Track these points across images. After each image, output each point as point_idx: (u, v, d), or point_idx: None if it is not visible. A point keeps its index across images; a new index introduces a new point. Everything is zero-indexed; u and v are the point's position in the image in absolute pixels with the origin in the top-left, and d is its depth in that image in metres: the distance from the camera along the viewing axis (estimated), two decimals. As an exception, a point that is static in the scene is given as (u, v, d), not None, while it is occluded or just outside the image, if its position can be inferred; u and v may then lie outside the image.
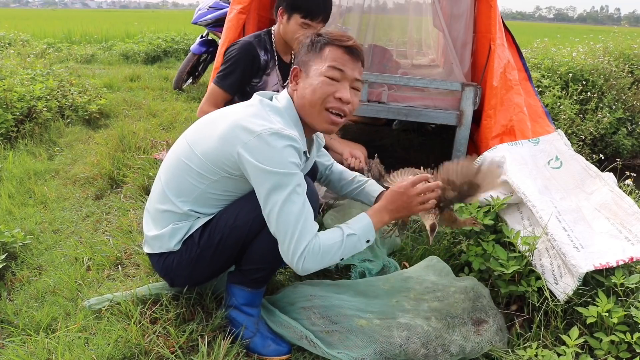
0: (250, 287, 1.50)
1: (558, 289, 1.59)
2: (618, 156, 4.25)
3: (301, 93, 1.44)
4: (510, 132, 2.33)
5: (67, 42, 9.75)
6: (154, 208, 1.51)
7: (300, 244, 1.30)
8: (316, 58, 1.43)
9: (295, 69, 1.47)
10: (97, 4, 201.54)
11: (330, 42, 1.43)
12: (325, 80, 1.40)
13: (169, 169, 1.49)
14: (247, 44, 2.15)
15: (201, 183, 1.42)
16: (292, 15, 2.09)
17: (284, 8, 2.11)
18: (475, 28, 2.88)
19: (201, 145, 1.41)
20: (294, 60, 2.26)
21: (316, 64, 1.43)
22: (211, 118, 1.48)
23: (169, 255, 1.48)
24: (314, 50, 1.45)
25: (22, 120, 3.50)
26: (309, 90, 1.41)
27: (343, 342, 1.47)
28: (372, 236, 1.43)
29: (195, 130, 1.49)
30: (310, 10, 2.07)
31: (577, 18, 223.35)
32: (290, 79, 1.48)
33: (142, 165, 2.82)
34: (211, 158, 1.38)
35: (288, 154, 1.31)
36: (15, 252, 1.99)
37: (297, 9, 2.07)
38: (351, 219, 1.44)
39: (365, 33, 3.39)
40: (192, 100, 4.98)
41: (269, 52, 2.21)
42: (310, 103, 1.41)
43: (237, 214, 1.41)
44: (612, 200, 1.93)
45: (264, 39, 2.21)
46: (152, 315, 1.55)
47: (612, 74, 4.91)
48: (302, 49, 1.48)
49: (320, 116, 1.43)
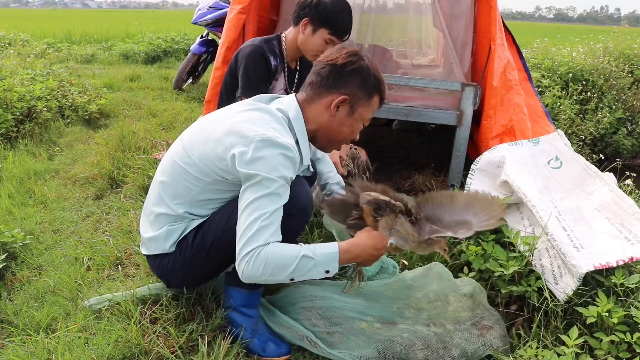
0: (247, 288, 1.49)
1: (558, 289, 1.59)
2: (618, 156, 4.25)
3: (337, 127, 1.50)
4: (510, 132, 2.33)
5: (67, 42, 9.75)
6: (150, 210, 1.52)
7: (248, 245, 1.26)
8: (365, 102, 1.49)
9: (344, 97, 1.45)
10: (97, 4, 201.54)
11: (379, 90, 1.51)
12: (360, 127, 1.54)
13: (165, 171, 1.49)
14: (259, 48, 2.12)
15: (196, 186, 1.43)
16: (319, 29, 2.06)
17: (310, 19, 2.07)
18: (475, 28, 2.88)
19: (197, 148, 1.42)
20: (299, 67, 2.29)
21: (363, 108, 1.50)
22: (208, 120, 1.49)
23: (164, 257, 1.48)
24: (366, 89, 1.48)
25: (22, 120, 3.50)
26: (348, 130, 1.52)
27: (344, 343, 1.47)
28: (334, 268, 1.34)
29: (191, 134, 1.49)
30: (341, 29, 2.07)
31: (577, 18, 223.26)
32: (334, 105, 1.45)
33: (142, 165, 2.82)
34: (206, 161, 1.39)
35: (278, 162, 1.30)
36: (15, 252, 1.99)
37: (327, 25, 2.05)
38: (321, 244, 1.38)
39: (365, 33, 3.38)
40: (192, 100, 4.98)
41: (279, 58, 2.19)
42: (341, 138, 1.54)
43: (230, 215, 1.41)
44: (612, 200, 1.93)
45: (274, 44, 2.18)
46: (152, 315, 1.55)
47: (612, 74, 4.91)
48: (355, 75, 1.46)
49: (337, 146, 1.61)
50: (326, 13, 2.04)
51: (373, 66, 1.50)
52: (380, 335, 1.48)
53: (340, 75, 1.46)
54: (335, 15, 2.05)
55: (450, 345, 1.47)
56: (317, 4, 2.05)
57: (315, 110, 1.48)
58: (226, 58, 2.55)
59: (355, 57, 1.47)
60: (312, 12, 2.06)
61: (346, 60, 1.46)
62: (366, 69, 1.47)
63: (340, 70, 1.46)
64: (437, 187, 2.81)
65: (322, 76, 1.47)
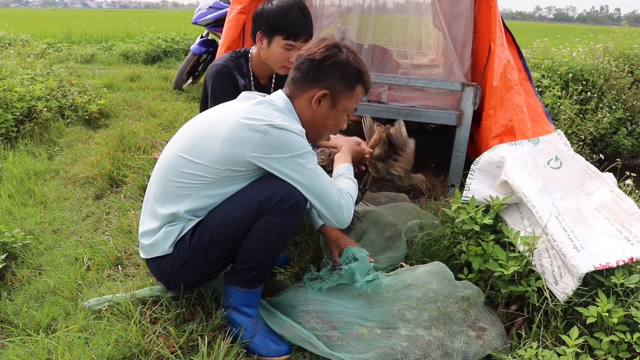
0: (246, 288, 1.50)
1: (558, 289, 1.59)
2: (618, 156, 4.24)
3: (321, 121, 1.54)
4: (510, 132, 2.33)
5: (67, 42, 9.75)
6: (147, 213, 1.52)
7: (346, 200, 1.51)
8: (346, 94, 1.52)
9: (323, 91, 1.48)
10: (97, 4, 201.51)
11: (361, 80, 1.52)
12: (345, 118, 1.58)
13: (160, 175, 1.49)
14: (224, 67, 2.01)
15: (196, 186, 1.43)
16: (274, 38, 1.92)
17: (262, 32, 1.94)
18: (475, 28, 2.88)
19: (201, 151, 1.41)
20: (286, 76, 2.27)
21: (346, 100, 1.53)
22: (205, 121, 1.49)
23: (162, 259, 1.49)
24: (346, 81, 1.50)
25: (22, 120, 3.50)
26: (332, 122, 1.56)
27: (344, 347, 1.47)
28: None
29: (187, 139, 1.47)
30: (292, 31, 1.90)
31: (577, 18, 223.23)
32: (316, 99, 1.49)
33: (142, 165, 2.82)
34: (216, 161, 1.40)
35: (301, 140, 1.42)
36: (15, 252, 1.99)
37: (278, 31, 1.90)
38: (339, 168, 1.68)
39: (365, 33, 3.38)
40: (192, 100, 4.98)
41: (247, 77, 2.09)
42: (326, 130, 1.59)
43: (226, 212, 1.42)
44: (612, 200, 1.93)
45: (241, 63, 2.08)
46: (152, 316, 1.55)
47: (612, 74, 4.90)
48: (335, 68, 1.48)
49: (324, 138, 1.66)
50: (273, 20, 1.90)
51: (353, 57, 1.50)
52: (380, 342, 1.48)
53: (320, 69, 1.48)
54: (282, 18, 1.89)
55: (452, 351, 1.47)
56: (262, 14, 1.93)
57: (298, 105, 1.52)
58: (226, 58, 2.55)
59: (333, 49, 1.48)
60: (261, 23, 1.94)
61: (324, 55, 1.47)
62: (345, 61, 1.48)
63: (319, 64, 1.47)
64: (437, 187, 2.81)
65: (302, 71, 1.49)
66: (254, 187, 1.44)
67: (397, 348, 1.45)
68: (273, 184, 1.41)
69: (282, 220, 1.41)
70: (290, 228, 1.47)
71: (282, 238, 1.47)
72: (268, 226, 1.41)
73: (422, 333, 1.52)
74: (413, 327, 1.55)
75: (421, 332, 1.52)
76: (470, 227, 1.84)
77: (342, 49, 1.50)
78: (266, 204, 1.40)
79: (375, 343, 1.48)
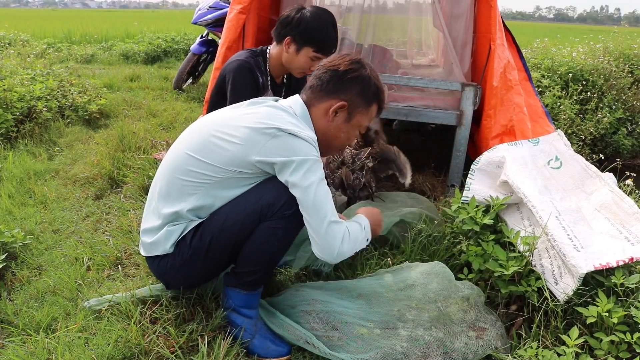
0: (246, 290, 1.50)
1: (558, 289, 1.59)
2: (618, 156, 4.24)
3: (334, 132, 1.54)
4: (510, 132, 2.33)
5: (67, 42, 9.75)
6: (150, 210, 1.52)
7: (339, 227, 1.39)
8: (363, 109, 1.53)
9: (342, 102, 1.49)
10: (97, 4, 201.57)
11: (379, 99, 1.54)
12: (356, 134, 1.59)
13: (167, 172, 1.48)
14: (246, 63, 2.05)
15: (201, 185, 1.42)
16: (304, 48, 2.00)
17: (293, 39, 2.00)
18: (475, 28, 2.88)
19: (210, 150, 1.41)
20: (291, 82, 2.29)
21: (361, 116, 1.54)
22: (216, 121, 1.48)
23: (163, 258, 1.48)
24: (365, 97, 1.51)
25: (22, 120, 3.50)
26: (344, 136, 1.56)
27: (344, 348, 1.47)
28: (370, 237, 1.55)
29: (197, 138, 1.47)
30: (324, 46, 2.01)
31: (577, 18, 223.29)
32: (333, 110, 1.50)
33: (142, 165, 2.82)
34: (223, 162, 1.39)
35: (309, 147, 1.39)
36: (15, 252, 1.99)
37: (311, 43, 1.99)
38: (359, 217, 1.57)
39: (365, 33, 3.38)
40: (192, 100, 4.98)
41: (264, 75, 2.14)
42: (337, 143, 1.58)
43: (228, 215, 1.42)
44: (612, 200, 1.92)
45: (259, 61, 2.13)
46: (152, 316, 1.55)
47: (612, 74, 4.91)
48: (356, 82, 1.49)
49: (333, 151, 1.68)
50: (309, 32, 1.97)
51: (374, 75, 1.53)
52: (380, 342, 1.48)
53: (341, 81, 1.49)
54: (319, 33, 1.98)
55: (451, 351, 1.47)
56: (299, 22, 1.97)
57: (314, 114, 1.52)
58: (226, 58, 2.54)
59: (357, 64, 1.51)
60: (295, 31, 1.99)
61: (348, 68, 1.49)
62: (367, 77, 1.51)
63: (342, 76, 1.48)
64: (437, 187, 2.81)
65: (323, 81, 1.50)
66: (257, 191, 1.43)
67: (397, 348, 1.45)
68: (277, 188, 1.40)
69: (284, 226, 1.41)
70: (292, 234, 1.47)
71: (284, 243, 1.46)
72: (270, 231, 1.41)
73: (422, 333, 1.52)
74: (413, 327, 1.55)
75: (421, 333, 1.52)
76: (470, 227, 1.84)
77: (366, 66, 1.52)
78: (269, 208, 1.39)
79: (375, 343, 1.48)
